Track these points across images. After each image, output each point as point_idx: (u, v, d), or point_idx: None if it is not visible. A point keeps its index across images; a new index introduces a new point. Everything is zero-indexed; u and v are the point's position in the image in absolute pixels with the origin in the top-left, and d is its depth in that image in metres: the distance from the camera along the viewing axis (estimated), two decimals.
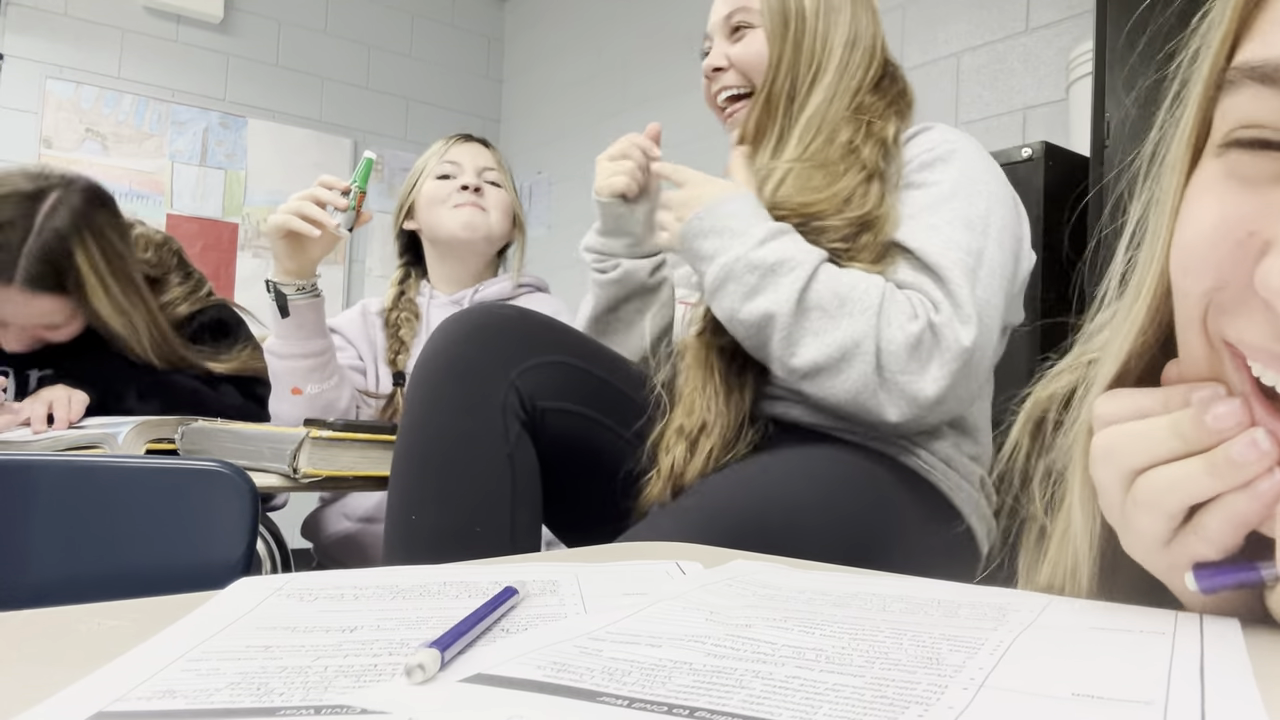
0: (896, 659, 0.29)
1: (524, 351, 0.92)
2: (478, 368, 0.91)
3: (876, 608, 0.37)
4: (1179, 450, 0.34)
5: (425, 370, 0.92)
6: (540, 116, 3.99)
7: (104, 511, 0.82)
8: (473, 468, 0.88)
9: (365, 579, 0.43)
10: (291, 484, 1.02)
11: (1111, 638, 0.33)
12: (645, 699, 0.25)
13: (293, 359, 1.30)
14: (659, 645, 0.31)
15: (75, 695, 0.26)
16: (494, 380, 0.90)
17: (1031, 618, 0.35)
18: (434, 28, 4.06)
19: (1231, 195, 0.35)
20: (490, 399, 0.89)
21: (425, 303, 1.56)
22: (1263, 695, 0.26)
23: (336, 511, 1.49)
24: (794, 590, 0.41)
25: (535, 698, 0.25)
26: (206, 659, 0.30)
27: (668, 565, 0.49)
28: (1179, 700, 0.25)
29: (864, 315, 0.86)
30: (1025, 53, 2.32)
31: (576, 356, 0.97)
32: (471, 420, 0.89)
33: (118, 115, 3.33)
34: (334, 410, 1.33)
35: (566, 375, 0.95)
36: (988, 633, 0.33)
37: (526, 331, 0.95)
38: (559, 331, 0.99)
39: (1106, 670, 0.29)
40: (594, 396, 0.96)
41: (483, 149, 1.60)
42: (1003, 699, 0.26)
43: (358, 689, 0.27)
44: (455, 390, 0.90)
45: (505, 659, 0.29)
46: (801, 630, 0.33)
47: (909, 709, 0.24)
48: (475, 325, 0.93)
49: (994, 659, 0.29)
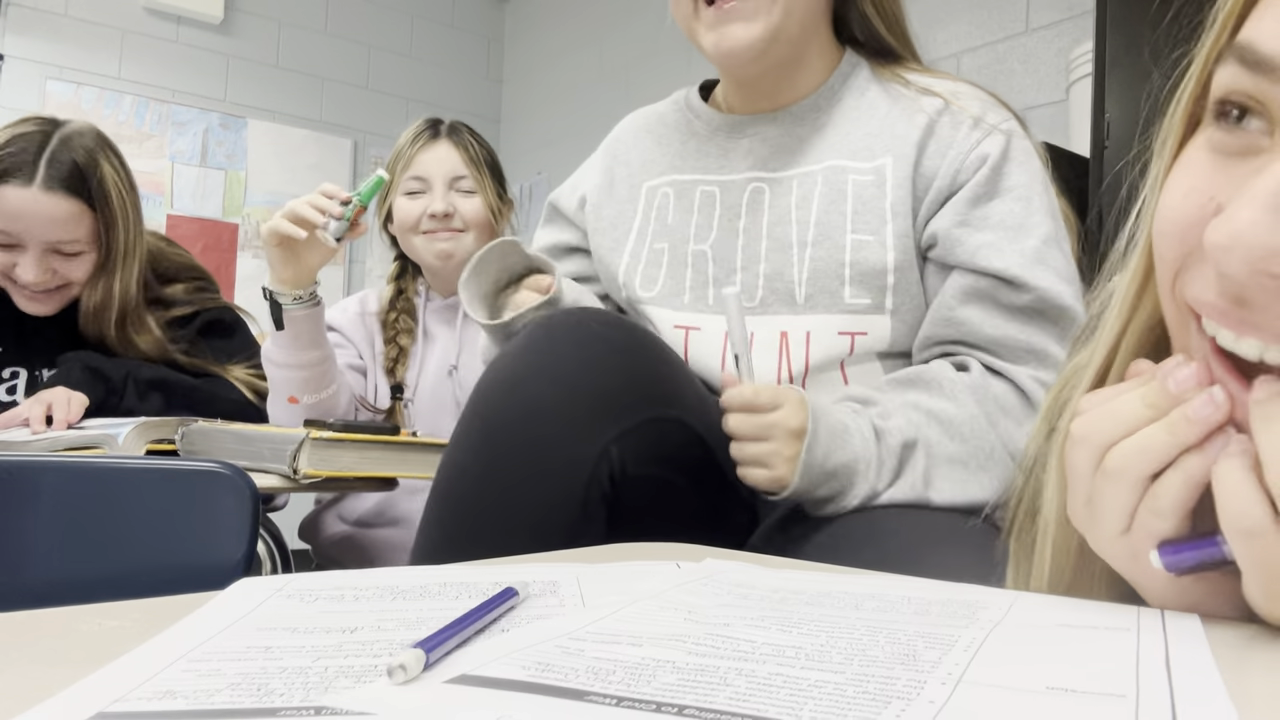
0: (874, 656, 0.30)
1: (629, 406, 0.73)
2: (566, 420, 0.71)
3: (850, 606, 0.38)
4: (1149, 419, 0.36)
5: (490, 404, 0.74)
6: (540, 117, 3.99)
7: (104, 512, 0.82)
8: (527, 542, 0.69)
9: (365, 580, 0.43)
10: (291, 484, 1.02)
11: (1078, 634, 0.34)
12: (633, 697, 0.25)
13: (288, 368, 1.27)
14: (640, 645, 0.31)
15: (75, 695, 0.26)
16: (584, 448, 0.71)
17: (1000, 615, 0.36)
18: (434, 28, 4.06)
19: (1205, 166, 0.37)
20: (573, 468, 0.71)
21: (421, 305, 1.53)
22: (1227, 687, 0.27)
23: (333, 515, 1.49)
24: (768, 589, 0.42)
25: (523, 698, 0.26)
26: (207, 659, 0.30)
27: (667, 565, 0.49)
28: (1149, 693, 0.26)
29: (996, 464, 0.80)
30: (1025, 53, 2.32)
31: (686, 409, 0.78)
32: (542, 489, 0.71)
33: (118, 116, 3.33)
34: (333, 416, 1.31)
35: (670, 435, 0.77)
36: (960, 630, 0.33)
37: (634, 375, 0.75)
38: (670, 367, 0.80)
39: (1077, 665, 0.30)
40: (686, 458, 0.79)
41: (452, 149, 1.48)
42: (980, 693, 0.26)
43: (343, 690, 0.27)
44: (527, 446, 0.72)
45: (489, 659, 0.29)
46: (779, 629, 0.33)
47: (890, 704, 0.25)
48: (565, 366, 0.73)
49: (968, 655, 0.30)
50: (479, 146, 1.51)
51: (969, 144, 0.86)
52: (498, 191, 1.51)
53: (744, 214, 0.93)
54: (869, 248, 0.86)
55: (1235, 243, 0.32)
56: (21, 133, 1.30)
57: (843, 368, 0.88)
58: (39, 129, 1.31)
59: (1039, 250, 0.83)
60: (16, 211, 1.27)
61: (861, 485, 0.78)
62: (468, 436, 0.75)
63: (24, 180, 1.27)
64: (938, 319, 0.86)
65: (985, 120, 0.87)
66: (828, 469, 0.76)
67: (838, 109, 0.93)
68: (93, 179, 1.31)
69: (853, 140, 0.91)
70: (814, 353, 0.87)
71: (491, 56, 4.23)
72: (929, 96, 0.90)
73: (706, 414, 0.80)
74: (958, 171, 0.86)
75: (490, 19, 4.23)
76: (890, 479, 0.79)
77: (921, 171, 0.87)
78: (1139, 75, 1.58)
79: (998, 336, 0.83)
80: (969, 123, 0.87)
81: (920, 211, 0.87)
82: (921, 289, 0.88)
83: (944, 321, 0.85)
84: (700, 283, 0.94)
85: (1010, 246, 0.83)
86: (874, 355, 0.89)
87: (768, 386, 0.78)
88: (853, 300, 0.86)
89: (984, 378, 0.83)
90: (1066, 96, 2.04)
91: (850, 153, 0.90)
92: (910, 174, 0.87)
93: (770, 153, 0.94)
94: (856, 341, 0.87)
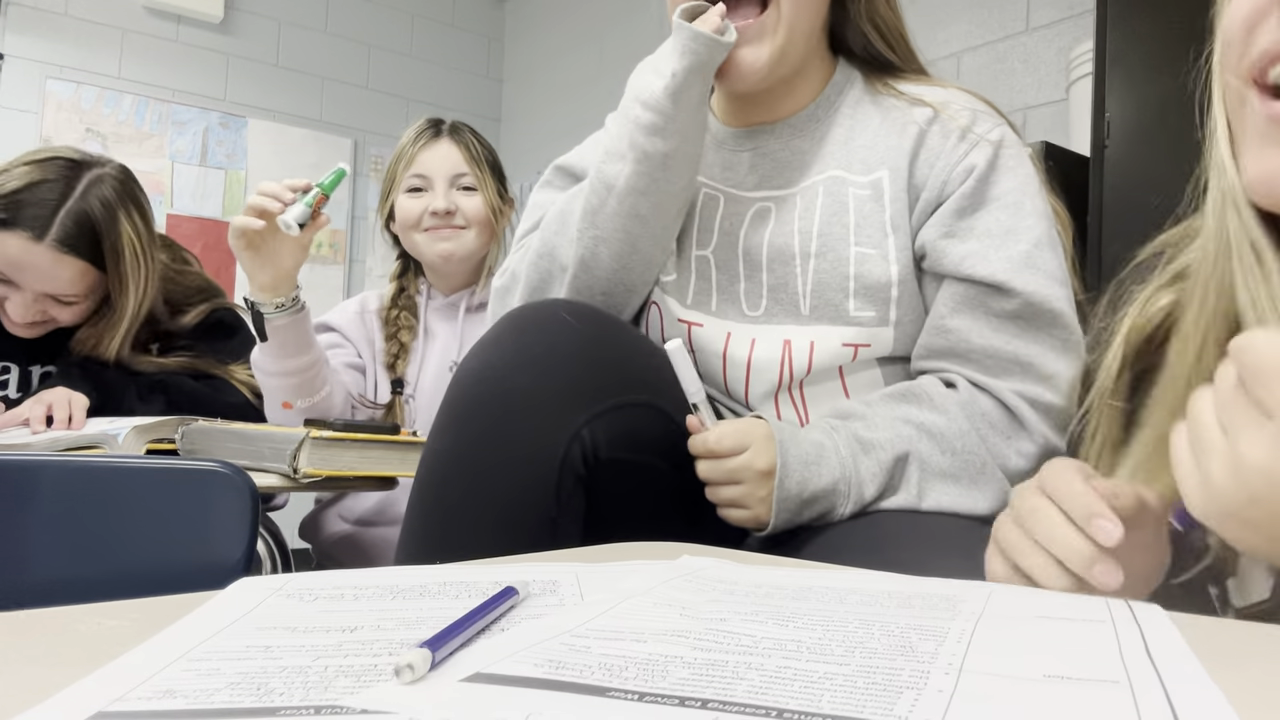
0: (873, 648, 0.31)
1: (599, 392, 0.75)
2: (537, 411, 0.73)
3: (835, 600, 0.39)
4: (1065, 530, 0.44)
5: (474, 399, 0.75)
6: (540, 116, 3.99)
7: (104, 511, 0.82)
8: (505, 529, 0.72)
9: (365, 579, 0.43)
10: (291, 484, 1.02)
11: (1059, 625, 0.35)
12: (655, 693, 0.26)
13: (278, 376, 1.27)
14: (644, 641, 0.31)
15: (75, 695, 0.26)
16: (555, 431, 0.73)
17: (980, 607, 0.37)
18: (434, 28, 4.06)
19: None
20: (546, 451, 0.72)
21: (423, 303, 1.54)
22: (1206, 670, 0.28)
23: (333, 514, 1.49)
24: (751, 584, 0.42)
25: (547, 695, 0.26)
26: (207, 659, 0.30)
27: (667, 565, 0.49)
28: (1139, 678, 0.27)
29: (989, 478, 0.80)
30: (1025, 53, 2.32)
31: (658, 394, 0.79)
32: (516, 475, 0.73)
33: (118, 115, 3.33)
34: (329, 417, 1.30)
35: (643, 420, 0.78)
36: (948, 622, 0.34)
37: (603, 362, 0.77)
38: (643, 356, 0.81)
39: (1066, 654, 0.31)
40: (664, 443, 0.80)
41: (454, 147, 1.49)
42: (983, 682, 0.27)
43: (359, 690, 0.27)
44: (506, 440, 0.73)
45: (499, 657, 0.29)
46: (775, 624, 0.34)
47: (903, 694, 0.26)
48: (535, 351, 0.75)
49: (963, 646, 0.31)
50: (480, 145, 1.52)
51: (956, 156, 0.87)
52: (499, 190, 1.52)
53: (746, 224, 0.93)
54: (872, 261, 0.86)
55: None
56: (43, 178, 1.26)
57: (842, 374, 0.88)
58: (62, 176, 1.27)
59: (1028, 254, 0.83)
60: (19, 261, 1.24)
61: (844, 505, 0.78)
62: (443, 427, 0.77)
63: (35, 234, 1.23)
64: (931, 328, 0.86)
65: (974, 130, 0.88)
66: (805, 498, 0.77)
67: (834, 121, 0.94)
68: (107, 240, 1.29)
69: (850, 152, 0.91)
70: (816, 361, 0.87)
71: (491, 56, 4.23)
72: (920, 107, 0.90)
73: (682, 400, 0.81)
74: (945, 183, 0.86)
75: (490, 18, 4.23)
76: (880, 490, 0.79)
77: (914, 183, 0.88)
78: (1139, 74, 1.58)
79: (985, 347, 0.83)
80: (957, 134, 0.88)
81: (913, 222, 0.87)
82: (921, 299, 0.88)
83: (937, 331, 0.86)
84: (704, 288, 0.94)
85: (996, 254, 0.83)
86: (874, 361, 0.89)
87: (731, 429, 0.77)
88: (858, 313, 0.86)
89: (971, 393, 0.83)
90: (1067, 96, 2.04)
91: (848, 165, 0.90)
92: (905, 186, 0.87)
93: (773, 169, 0.94)
94: (860, 352, 0.87)
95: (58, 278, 1.27)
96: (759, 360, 0.89)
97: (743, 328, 0.90)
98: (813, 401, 0.88)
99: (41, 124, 3.20)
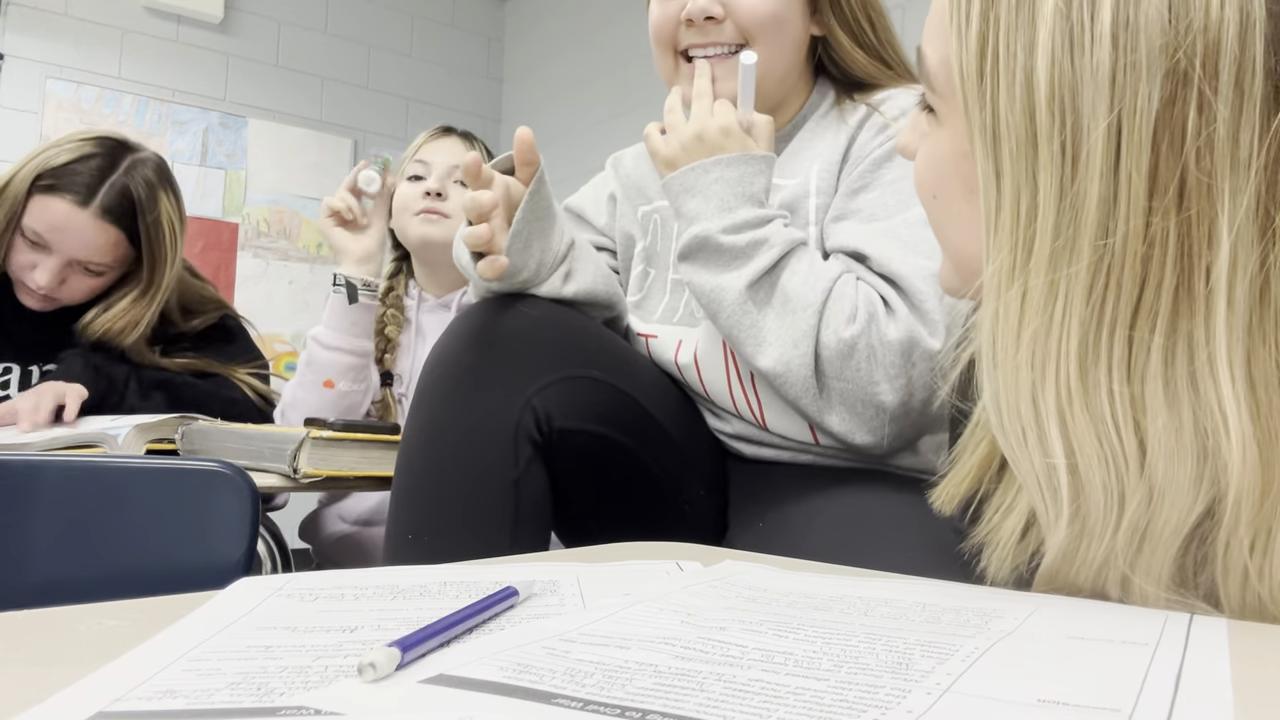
0: (865, 664, 0.30)
1: (545, 364, 0.82)
2: (487, 384, 0.81)
3: (859, 612, 0.38)
4: None
5: (428, 381, 0.84)
6: (540, 116, 3.98)
7: (104, 511, 0.82)
8: (473, 496, 0.80)
9: (365, 579, 0.43)
10: (292, 484, 1.01)
11: (1090, 646, 0.33)
12: (600, 701, 0.25)
13: (339, 352, 1.34)
14: (627, 647, 0.31)
15: (75, 695, 0.26)
16: (506, 400, 0.81)
17: (1015, 625, 0.35)
18: (434, 28, 4.06)
19: None
20: (500, 421, 0.80)
21: (414, 305, 1.55)
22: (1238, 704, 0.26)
23: (333, 514, 1.49)
24: (779, 592, 0.41)
25: (488, 699, 0.25)
26: (207, 659, 0.30)
27: (667, 565, 0.49)
28: (1147, 708, 0.25)
29: (805, 313, 0.82)
30: None
31: (608, 371, 0.87)
32: (476, 444, 0.80)
33: (118, 115, 3.33)
34: (354, 413, 1.36)
35: (592, 392, 0.85)
36: (965, 640, 0.33)
37: (550, 339, 0.85)
38: (593, 338, 0.89)
39: (1078, 678, 0.29)
40: (619, 417, 0.87)
41: (459, 144, 1.55)
42: (964, 704, 0.26)
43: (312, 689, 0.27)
44: (459, 410, 0.81)
45: (469, 660, 0.29)
46: (776, 634, 0.33)
47: (866, 713, 0.25)
48: (486, 333, 0.84)
49: (964, 665, 0.30)
50: (485, 154, 1.56)
51: (871, 146, 0.91)
52: None
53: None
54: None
55: None
56: (90, 153, 1.33)
57: None
58: (108, 151, 1.34)
59: (893, 228, 0.85)
60: (61, 225, 1.30)
61: (704, 221, 0.84)
62: (410, 414, 0.84)
63: (79, 200, 1.29)
64: None
65: (899, 122, 0.90)
66: (697, 188, 0.85)
67: (796, 136, 0.99)
68: (148, 216, 1.35)
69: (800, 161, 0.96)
70: None
71: (491, 56, 4.23)
72: (863, 109, 0.95)
73: (639, 378, 0.90)
74: (854, 173, 0.91)
75: (490, 18, 4.23)
76: (734, 251, 0.83)
77: (840, 178, 0.93)
78: None
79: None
80: (879, 125, 0.92)
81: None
82: None
83: None
84: (672, 306, 1.01)
85: (864, 228, 0.87)
86: None
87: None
88: None
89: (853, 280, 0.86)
90: None
91: (783, 172, 0.95)
92: (833, 183, 0.92)
93: None
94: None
95: (94, 244, 1.32)
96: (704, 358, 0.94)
97: (692, 332, 0.96)
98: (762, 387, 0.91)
99: (41, 124, 3.20)
